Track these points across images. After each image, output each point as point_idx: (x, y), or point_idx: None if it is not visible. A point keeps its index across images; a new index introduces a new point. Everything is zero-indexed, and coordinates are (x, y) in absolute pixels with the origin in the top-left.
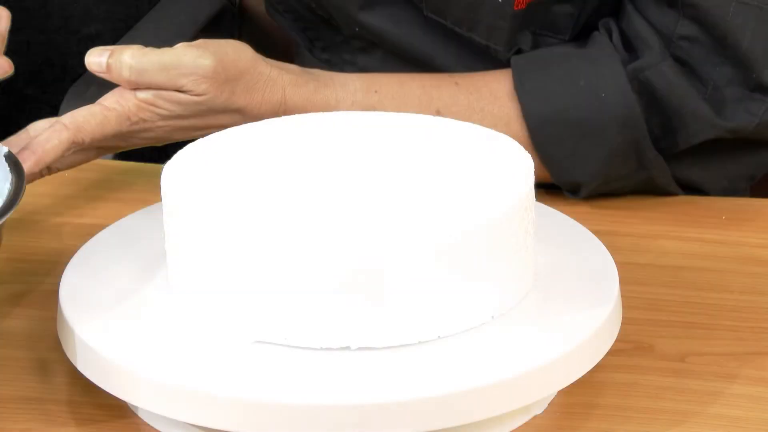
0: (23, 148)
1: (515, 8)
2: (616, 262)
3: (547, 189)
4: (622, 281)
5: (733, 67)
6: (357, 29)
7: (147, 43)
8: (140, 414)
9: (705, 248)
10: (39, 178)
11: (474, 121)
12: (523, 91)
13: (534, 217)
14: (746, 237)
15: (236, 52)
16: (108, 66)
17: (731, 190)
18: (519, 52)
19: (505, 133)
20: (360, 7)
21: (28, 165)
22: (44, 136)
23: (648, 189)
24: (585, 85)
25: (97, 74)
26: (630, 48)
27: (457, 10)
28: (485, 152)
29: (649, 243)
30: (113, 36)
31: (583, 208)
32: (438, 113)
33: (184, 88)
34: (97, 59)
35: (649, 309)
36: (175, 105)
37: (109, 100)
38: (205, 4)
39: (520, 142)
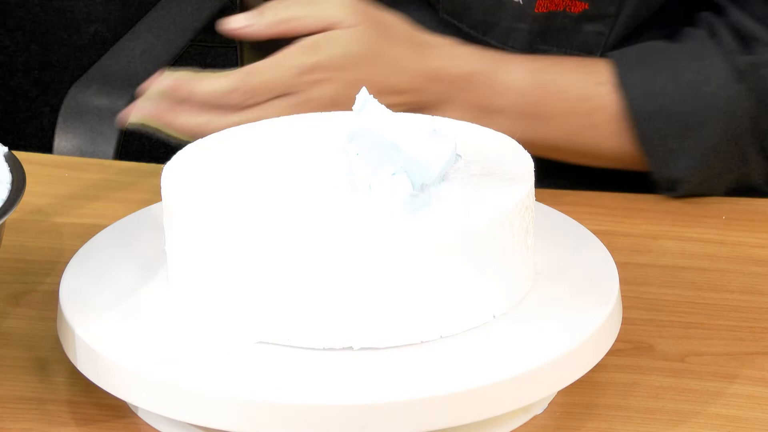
0: None
1: (536, 11)
2: (616, 262)
3: (547, 189)
4: (622, 281)
5: None
6: None
7: (147, 42)
8: (140, 414)
9: (705, 248)
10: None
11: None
12: (627, 85)
13: (534, 217)
14: (746, 237)
15: (383, 8)
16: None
17: None
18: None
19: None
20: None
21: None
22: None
23: (740, 187)
24: (688, 79)
25: (242, 33)
26: (740, 44)
27: (475, 12)
28: (485, 152)
29: (649, 243)
30: (113, 36)
31: (583, 208)
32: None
33: (332, 19)
34: (238, 19)
35: (649, 309)
36: (334, 44)
37: (275, 55)
38: (206, 3)
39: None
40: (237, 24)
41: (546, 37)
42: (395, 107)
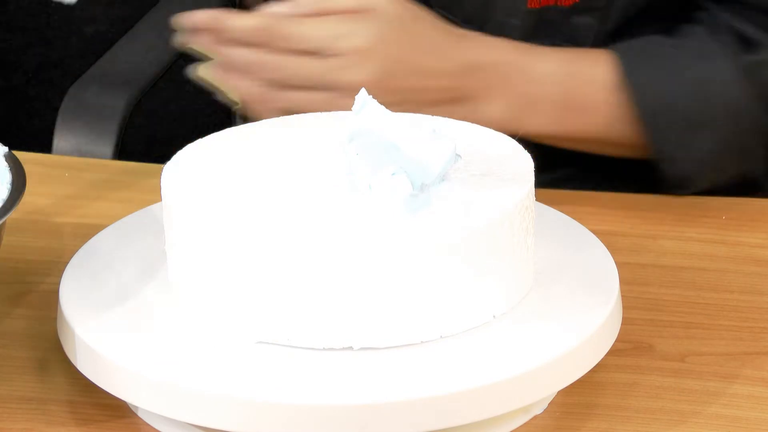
0: None
1: (528, 6)
2: (616, 262)
3: (548, 189)
4: (622, 281)
5: None
6: None
7: (147, 42)
8: (140, 414)
9: (705, 248)
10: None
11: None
12: (634, 83)
13: (534, 217)
14: (746, 237)
15: None
16: None
17: None
18: None
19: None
20: None
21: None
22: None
23: (743, 183)
24: (694, 77)
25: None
26: (742, 45)
27: (468, 6)
28: (485, 152)
29: (649, 243)
30: (113, 36)
31: (583, 208)
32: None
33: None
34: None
35: (649, 309)
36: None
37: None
38: (205, 4)
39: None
40: (278, 11)
41: (539, 31)
42: (435, 92)
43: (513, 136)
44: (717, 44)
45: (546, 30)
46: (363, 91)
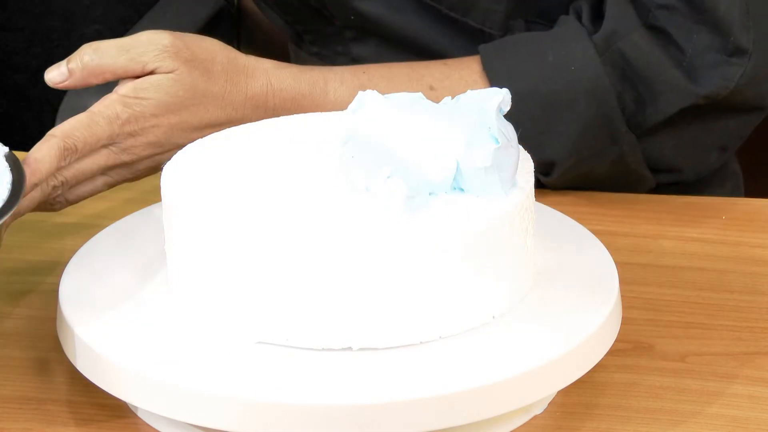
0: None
1: None
2: (616, 262)
3: (548, 189)
4: (622, 281)
5: (710, 33)
6: (352, 17)
7: None
8: (140, 414)
9: (705, 248)
10: (60, 209)
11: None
12: (491, 72)
13: (534, 217)
14: (746, 237)
15: (200, 37)
16: (70, 71)
17: (704, 165)
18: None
19: None
20: None
21: (27, 179)
22: (35, 148)
23: (619, 173)
24: (553, 60)
25: (62, 87)
26: (601, 22)
27: None
28: None
29: (649, 243)
30: (113, 36)
31: (583, 208)
32: (431, 89)
33: (149, 65)
34: (56, 71)
35: (649, 309)
36: (155, 90)
37: (94, 106)
38: (204, 4)
39: None
40: (54, 80)
41: (525, 15)
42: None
43: None
44: (578, 26)
45: (521, 8)
46: (361, 93)
